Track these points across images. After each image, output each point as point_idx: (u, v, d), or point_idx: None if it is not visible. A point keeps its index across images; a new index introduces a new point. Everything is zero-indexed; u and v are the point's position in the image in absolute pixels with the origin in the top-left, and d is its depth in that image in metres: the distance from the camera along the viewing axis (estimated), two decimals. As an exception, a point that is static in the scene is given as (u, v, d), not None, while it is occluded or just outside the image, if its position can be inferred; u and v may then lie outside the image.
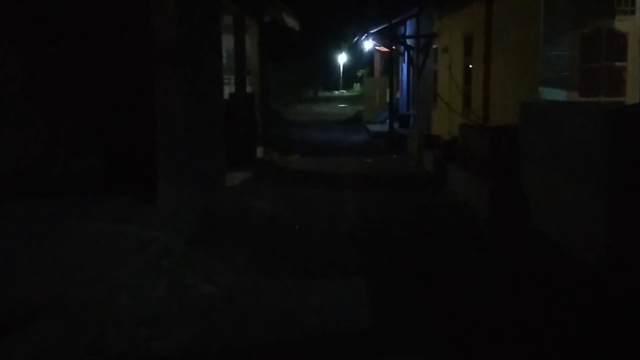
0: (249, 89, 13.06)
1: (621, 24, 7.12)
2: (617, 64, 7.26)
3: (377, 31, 19.15)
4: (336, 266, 5.96)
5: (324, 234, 7.17)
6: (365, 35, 20.85)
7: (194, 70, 7.47)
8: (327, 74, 48.40)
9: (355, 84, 46.71)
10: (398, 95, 21.21)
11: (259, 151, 13.25)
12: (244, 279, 5.52)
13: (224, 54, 12.56)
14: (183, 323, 4.50)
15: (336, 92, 48.38)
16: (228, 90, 12.06)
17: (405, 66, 20.49)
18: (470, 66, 11.43)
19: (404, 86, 20.83)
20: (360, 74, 42.85)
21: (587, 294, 5.09)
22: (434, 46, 14.54)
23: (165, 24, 6.56)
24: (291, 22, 15.33)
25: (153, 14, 6.44)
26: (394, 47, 19.57)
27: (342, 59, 50.00)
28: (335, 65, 50.79)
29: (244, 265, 5.90)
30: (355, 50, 38.66)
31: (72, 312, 3.93)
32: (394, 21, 17.20)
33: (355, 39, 25.22)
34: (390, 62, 20.25)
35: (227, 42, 12.19)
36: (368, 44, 23.56)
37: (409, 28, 18.33)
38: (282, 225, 7.60)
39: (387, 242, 6.98)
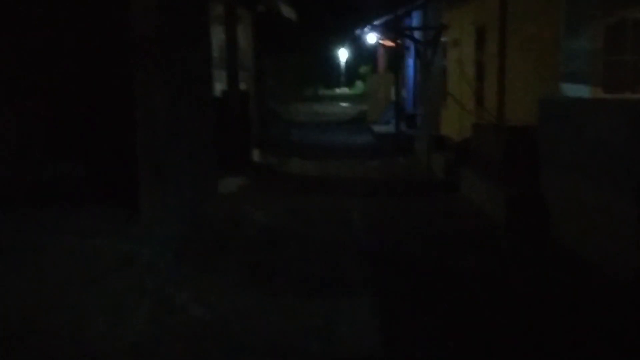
0: (243, 86, 12.83)
1: (650, 13, 6.91)
2: (645, 57, 7.04)
3: (380, 23, 18.95)
4: (340, 283, 5.73)
5: (326, 247, 6.94)
6: (368, 28, 20.66)
7: (180, 64, 7.25)
8: (327, 71, 48.24)
9: (357, 82, 46.57)
10: (404, 93, 20.99)
11: (256, 154, 13.06)
12: (238, 298, 5.30)
13: (216, 48, 12.38)
14: (169, 352, 4.26)
15: (337, 90, 48.25)
16: (220, 87, 11.84)
17: (411, 61, 20.28)
18: (483, 61, 11.21)
19: (411, 83, 20.63)
20: (363, 71, 42.72)
21: (616, 311, 4.87)
22: (443, 39, 14.32)
23: (146, 13, 6.35)
24: (288, 13, 15.12)
25: (132, 2, 6.23)
26: (399, 41, 19.36)
27: (343, 54, 49.85)
28: (336, 62, 50.65)
29: (238, 283, 5.67)
30: (357, 45, 38.51)
31: (39, 342, 3.69)
32: (399, 12, 16.99)
33: (358, 32, 25.05)
34: (395, 58, 20.04)
35: (219, 34, 11.98)
36: (371, 38, 23.34)
37: (416, 20, 18.12)
38: (280, 236, 7.37)
39: (395, 256, 6.74)
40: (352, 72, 48.50)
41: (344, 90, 48.00)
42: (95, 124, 7.37)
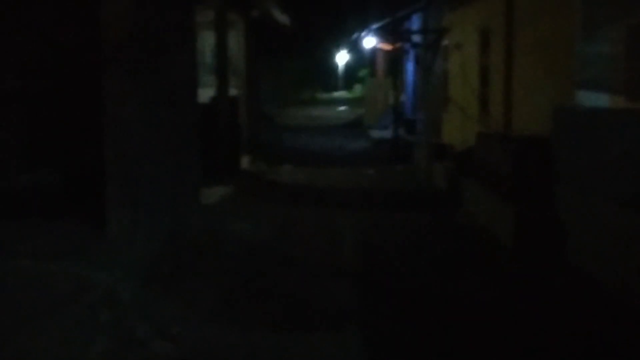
0: (234, 91, 12.31)
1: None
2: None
3: (379, 27, 18.42)
4: (327, 313, 5.08)
5: (314, 269, 6.31)
6: (367, 31, 20.16)
7: (159, 70, 6.68)
8: (325, 74, 47.90)
9: (356, 85, 46.11)
10: (403, 97, 20.44)
11: (245, 161, 12.51)
12: (209, 330, 4.67)
13: (208, 54, 11.95)
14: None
15: (335, 93, 47.86)
16: (213, 93, 11.31)
17: (411, 65, 19.71)
18: (488, 65, 10.59)
19: (410, 88, 20.06)
20: (361, 75, 42.23)
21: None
22: (444, 42, 13.71)
23: (119, 13, 5.82)
24: (283, 17, 14.72)
25: (104, 6, 5.72)
26: (398, 45, 18.81)
27: (341, 58, 49.46)
28: (334, 65, 50.26)
29: (211, 311, 5.05)
30: (356, 49, 38.02)
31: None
32: (398, 15, 16.46)
33: (356, 35, 24.59)
34: (394, 61, 19.54)
35: (210, 39, 11.62)
36: (370, 41, 22.83)
37: (416, 23, 17.58)
38: (263, 256, 6.71)
39: (389, 280, 6.07)
40: (352, 75, 48.08)
41: (342, 93, 47.58)
42: (70, 132, 6.88)
